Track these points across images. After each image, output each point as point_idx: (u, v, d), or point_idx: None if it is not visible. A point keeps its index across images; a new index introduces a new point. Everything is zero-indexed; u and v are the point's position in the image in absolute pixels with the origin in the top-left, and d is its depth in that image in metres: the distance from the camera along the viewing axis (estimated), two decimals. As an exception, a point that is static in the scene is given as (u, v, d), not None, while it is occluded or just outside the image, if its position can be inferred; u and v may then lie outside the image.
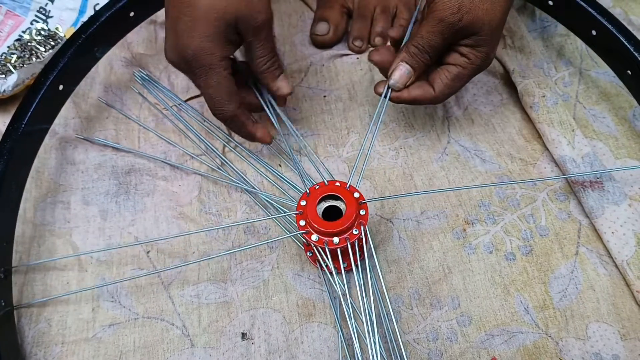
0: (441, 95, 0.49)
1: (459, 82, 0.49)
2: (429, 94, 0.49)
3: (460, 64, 0.48)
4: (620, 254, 0.50)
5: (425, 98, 0.50)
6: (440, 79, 0.49)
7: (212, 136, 0.59)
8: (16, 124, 0.50)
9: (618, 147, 0.57)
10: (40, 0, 0.67)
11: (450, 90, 0.50)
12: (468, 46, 0.47)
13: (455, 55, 0.48)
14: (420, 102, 0.50)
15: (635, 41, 0.53)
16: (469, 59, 0.48)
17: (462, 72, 0.48)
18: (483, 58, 0.48)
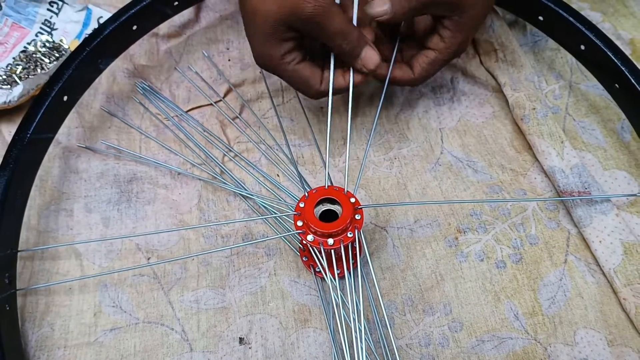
0: (419, 78, 0.54)
1: (436, 67, 0.54)
2: (408, 75, 0.54)
3: (439, 49, 0.52)
4: (608, 262, 0.51)
5: (404, 79, 0.54)
6: (419, 63, 0.53)
7: (212, 145, 0.61)
8: (22, 134, 0.52)
9: (606, 158, 0.58)
10: (45, 13, 0.69)
11: (428, 74, 0.54)
12: (448, 29, 0.50)
13: (435, 39, 0.52)
14: (399, 82, 0.54)
15: (622, 56, 0.54)
16: (447, 43, 0.51)
17: (439, 57, 0.52)
18: (459, 43, 0.51)
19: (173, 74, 0.67)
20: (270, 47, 0.48)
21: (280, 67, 0.50)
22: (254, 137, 0.61)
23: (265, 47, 0.48)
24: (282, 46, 0.48)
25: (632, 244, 0.51)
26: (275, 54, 0.48)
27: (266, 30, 0.47)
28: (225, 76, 0.66)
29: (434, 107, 0.63)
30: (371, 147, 0.61)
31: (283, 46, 0.48)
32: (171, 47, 0.68)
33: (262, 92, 0.65)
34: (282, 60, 0.49)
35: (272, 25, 0.46)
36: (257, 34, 0.48)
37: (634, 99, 0.53)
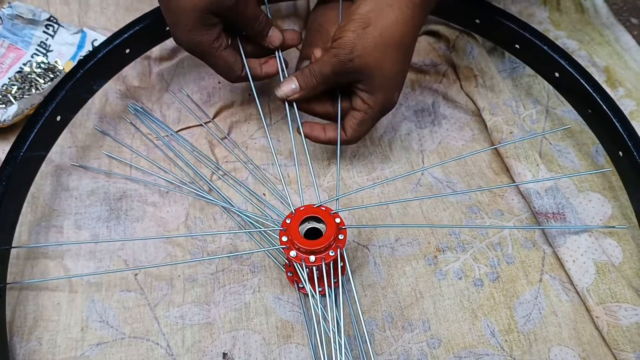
0: (352, 138, 0.56)
1: (365, 126, 0.56)
2: (342, 137, 0.56)
3: (363, 109, 0.54)
4: (581, 281, 0.53)
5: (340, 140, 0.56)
6: (349, 125, 0.56)
7: (201, 164, 0.62)
8: (15, 152, 0.53)
9: (581, 180, 0.61)
10: (41, 35, 0.71)
11: (359, 134, 0.56)
12: (365, 92, 0.53)
13: (358, 101, 0.54)
14: (335, 142, 0.57)
15: (594, 83, 0.57)
16: (369, 105, 0.53)
17: (365, 117, 0.54)
18: (381, 103, 0.54)
19: (164, 95, 0.69)
20: (199, 34, 0.52)
21: (209, 52, 0.54)
22: (242, 157, 0.63)
23: (194, 36, 0.53)
24: (210, 32, 0.53)
25: (604, 263, 0.53)
26: (206, 39, 0.53)
27: (194, 21, 0.51)
28: (214, 98, 0.68)
29: (416, 129, 0.65)
30: (355, 167, 0.63)
31: (211, 32, 0.53)
32: (163, 70, 0.70)
33: (251, 114, 0.67)
34: (212, 45, 0.54)
35: (200, 14, 0.51)
36: (184, 25, 0.52)
37: (606, 125, 0.56)
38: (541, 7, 0.77)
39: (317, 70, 0.53)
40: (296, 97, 0.55)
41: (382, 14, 0.50)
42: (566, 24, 0.75)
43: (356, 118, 0.55)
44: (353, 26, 0.50)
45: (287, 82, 0.55)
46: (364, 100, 0.54)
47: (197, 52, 0.55)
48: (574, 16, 0.76)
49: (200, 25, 0.52)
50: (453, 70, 0.69)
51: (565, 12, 0.76)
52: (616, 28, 0.75)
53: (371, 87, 0.52)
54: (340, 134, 0.56)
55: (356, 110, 0.55)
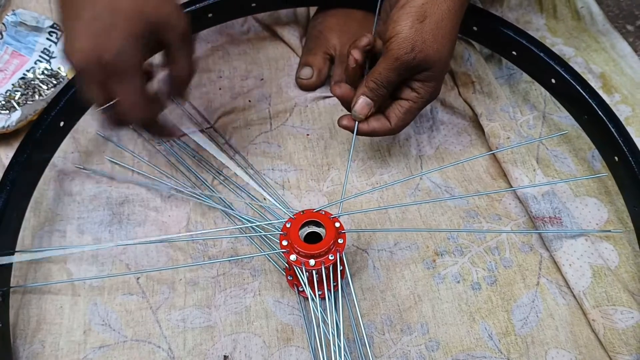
0: (397, 128, 0.56)
1: (411, 115, 0.56)
2: (386, 126, 0.56)
3: (412, 98, 0.54)
4: (577, 284, 0.54)
5: (383, 130, 0.56)
6: (395, 113, 0.55)
7: (202, 170, 0.63)
8: (19, 158, 0.54)
9: (577, 185, 0.61)
10: (45, 42, 0.72)
11: (404, 123, 0.56)
12: (419, 81, 0.53)
13: (407, 91, 0.54)
14: (379, 133, 0.57)
15: (590, 89, 0.58)
16: (419, 93, 0.54)
17: (413, 106, 0.55)
18: (431, 92, 0.54)
19: (166, 101, 0.69)
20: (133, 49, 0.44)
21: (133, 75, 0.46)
22: (243, 163, 0.64)
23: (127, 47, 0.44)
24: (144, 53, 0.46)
25: (600, 267, 0.54)
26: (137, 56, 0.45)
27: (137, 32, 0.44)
28: (215, 104, 0.69)
29: (414, 135, 0.66)
30: (354, 172, 0.64)
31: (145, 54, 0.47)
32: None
33: (251, 120, 0.68)
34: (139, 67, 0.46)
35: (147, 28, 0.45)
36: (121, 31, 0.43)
37: (601, 130, 0.56)
38: (538, 14, 0.77)
39: (384, 80, 0.53)
40: (371, 111, 0.55)
41: (435, 4, 0.51)
42: (563, 31, 0.76)
43: (403, 107, 0.55)
44: (409, 21, 0.50)
45: (358, 101, 0.54)
46: (414, 89, 0.54)
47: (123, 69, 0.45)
48: (570, 23, 0.77)
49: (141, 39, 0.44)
50: (451, 77, 0.70)
51: (561, 19, 0.77)
52: (612, 35, 0.76)
53: (427, 77, 0.53)
54: (384, 123, 0.56)
55: (404, 100, 0.55)
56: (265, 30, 0.76)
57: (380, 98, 0.55)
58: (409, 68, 0.52)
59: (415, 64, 0.51)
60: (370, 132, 0.57)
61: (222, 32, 0.63)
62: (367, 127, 0.56)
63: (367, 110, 0.55)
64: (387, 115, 0.56)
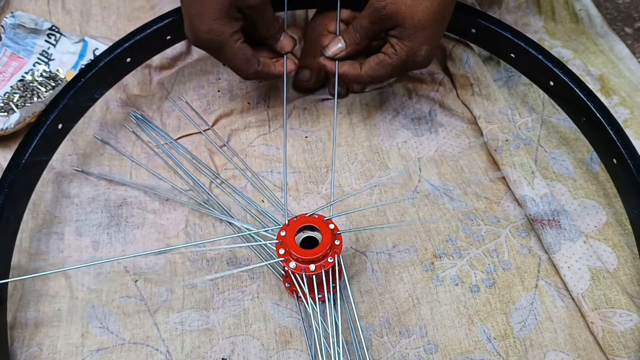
0: (365, 75, 0.58)
1: (383, 69, 0.57)
2: (355, 70, 0.58)
3: (387, 52, 0.56)
4: (576, 287, 0.54)
5: (351, 74, 0.59)
6: (368, 61, 0.58)
7: (200, 172, 0.63)
8: (17, 160, 0.54)
9: (576, 188, 0.61)
10: (43, 44, 0.72)
11: (374, 73, 0.58)
12: (395, 37, 0.55)
13: (386, 45, 0.56)
14: (347, 76, 0.59)
15: (589, 91, 0.58)
16: (395, 50, 0.55)
17: (387, 60, 0.56)
18: (407, 52, 0.55)
19: (164, 103, 0.69)
20: (222, 25, 0.54)
21: (229, 43, 0.56)
22: (241, 165, 0.64)
23: (216, 24, 0.54)
24: (233, 24, 0.55)
25: (599, 269, 0.54)
26: (227, 30, 0.55)
27: (220, 11, 0.53)
28: (214, 106, 0.69)
29: (413, 137, 0.66)
30: (353, 174, 0.64)
31: (233, 25, 0.55)
32: (163, 78, 0.71)
33: (249, 122, 0.68)
34: (231, 37, 0.55)
35: (227, 6, 0.53)
36: (209, 14, 0.54)
37: (600, 133, 0.56)
38: (536, 16, 0.78)
39: (357, 25, 0.56)
40: (343, 54, 0.58)
41: None
42: (561, 34, 0.76)
43: (378, 57, 0.57)
44: None
45: (334, 42, 0.58)
46: (391, 44, 0.56)
47: (217, 43, 0.56)
48: (568, 26, 0.77)
49: (225, 16, 0.54)
50: (449, 79, 0.70)
51: (560, 22, 0.77)
52: (610, 37, 0.76)
53: (401, 33, 0.54)
54: (355, 67, 0.58)
55: (382, 53, 0.57)
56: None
57: (354, 43, 0.57)
58: (381, 18, 0.54)
59: (386, 14, 0.53)
60: (341, 73, 0.59)
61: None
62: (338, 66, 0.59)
63: (336, 49, 0.58)
64: (361, 63, 0.58)
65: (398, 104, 0.69)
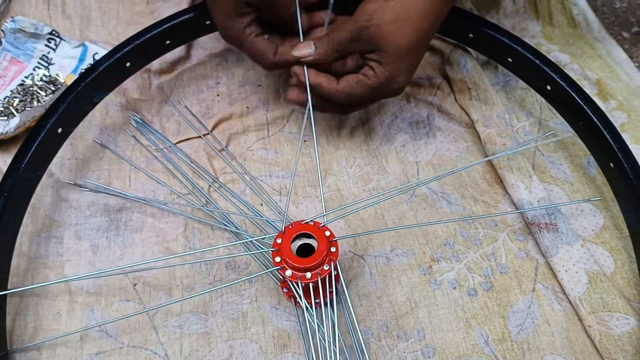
0: (341, 91, 0.57)
1: (360, 88, 0.56)
2: (332, 84, 0.57)
3: (366, 73, 0.56)
4: (573, 290, 0.54)
5: (328, 87, 0.57)
6: (346, 78, 0.57)
7: (198, 176, 0.63)
8: (17, 164, 0.54)
9: (573, 191, 0.62)
10: (43, 49, 0.73)
11: (350, 90, 0.56)
12: (375, 61, 0.54)
13: (366, 67, 0.56)
14: (322, 88, 0.57)
15: (585, 96, 0.58)
16: (374, 72, 0.55)
17: (365, 81, 0.55)
18: (387, 77, 0.55)
19: (164, 107, 0.70)
20: (233, 21, 0.56)
21: (242, 39, 0.57)
22: (239, 169, 0.64)
23: (229, 22, 0.56)
24: (243, 19, 0.56)
25: (596, 273, 0.54)
26: (238, 26, 0.56)
27: (228, 8, 0.55)
28: (213, 110, 0.69)
29: (411, 141, 0.66)
30: (351, 178, 0.64)
31: (243, 19, 0.56)
32: (163, 82, 0.71)
33: (249, 126, 0.68)
34: (243, 32, 0.57)
35: (234, 2, 0.55)
36: (222, 11, 0.56)
37: (596, 137, 0.57)
38: (534, 21, 0.78)
39: (335, 36, 0.55)
40: (310, 59, 0.57)
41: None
42: (559, 38, 0.76)
43: (356, 77, 0.56)
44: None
45: (304, 44, 0.57)
46: (371, 67, 0.55)
47: (231, 38, 0.58)
48: (566, 30, 0.78)
49: (234, 12, 0.56)
50: (447, 83, 0.70)
51: (557, 26, 0.78)
52: (608, 42, 0.76)
53: (381, 57, 0.54)
54: (332, 81, 0.57)
55: (361, 74, 0.56)
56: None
57: (323, 52, 0.56)
58: (361, 38, 0.53)
59: (367, 36, 0.53)
60: (316, 84, 0.58)
61: (220, 39, 0.63)
62: (314, 77, 0.58)
63: (305, 53, 0.57)
64: (338, 79, 0.57)
65: (396, 108, 0.69)
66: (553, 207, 0.57)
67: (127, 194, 0.61)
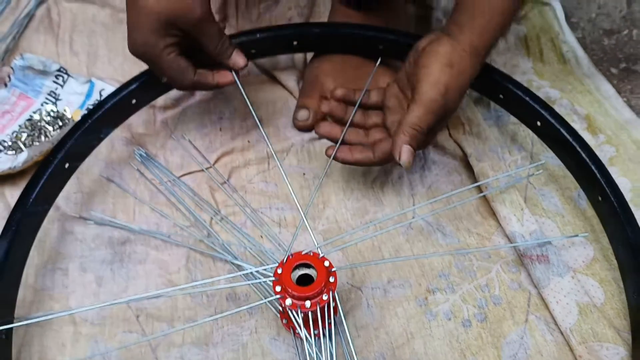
0: (378, 161, 0.59)
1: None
2: (368, 158, 0.59)
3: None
4: (565, 321, 0.55)
5: (366, 161, 0.59)
6: (380, 147, 0.58)
7: (201, 209, 0.65)
8: (24, 199, 0.56)
9: (565, 224, 0.63)
10: (51, 85, 0.75)
11: (388, 158, 0.58)
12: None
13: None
14: (362, 164, 0.60)
15: (573, 132, 0.60)
16: None
17: None
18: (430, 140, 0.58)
19: (168, 141, 0.72)
20: (157, 38, 0.55)
21: (161, 57, 0.57)
22: (241, 201, 0.66)
23: (152, 38, 0.55)
24: (167, 39, 0.56)
25: (586, 304, 0.56)
26: (159, 44, 0.56)
27: (155, 26, 0.54)
28: (215, 144, 0.72)
29: (407, 174, 0.68)
30: (349, 211, 0.66)
31: (168, 39, 0.56)
32: (167, 118, 0.74)
33: (249, 160, 0.70)
34: (164, 49, 0.56)
35: (163, 22, 0.54)
36: (144, 26, 0.55)
37: (584, 171, 0.59)
38: (525, 58, 0.81)
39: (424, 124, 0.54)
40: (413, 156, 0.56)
41: (458, 55, 0.54)
42: (549, 74, 0.79)
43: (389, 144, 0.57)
44: (439, 64, 0.54)
45: (404, 151, 0.54)
46: None
47: (151, 55, 0.57)
48: (556, 66, 0.80)
49: (161, 30, 0.55)
50: (442, 118, 0.72)
51: (548, 63, 0.81)
52: (596, 77, 0.79)
53: None
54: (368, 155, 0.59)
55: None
56: (264, 74, 0.79)
57: (420, 143, 0.56)
58: (445, 110, 0.55)
59: (448, 107, 0.55)
60: (354, 162, 0.60)
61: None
62: (350, 157, 0.59)
63: (412, 157, 0.55)
64: (373, 148, 0.59)
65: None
66: (545, 240, 0.59)
67: (131, 226, 0.63)
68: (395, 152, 0.55)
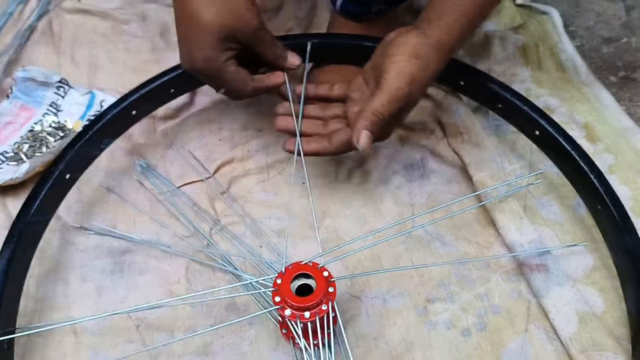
0: (335, 150, 0.60)
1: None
2: (325, 147, 0.60)
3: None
4: (564, 330, 0.55)
5: (323, 151, 0.60)
6: (337, 136, 0.59)
7: (200, 219, 0.66)
8: (26, 210, 0.57)
9: (564, 232, 0.63)
10: (53, 96, 0.76)
11: (345, 149, 0.59)
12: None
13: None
14: (319, 154, 0.61)
15: (572, 141, 0.61)
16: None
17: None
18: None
19: (168, 152, 0.72)
20: (216, 53, 0.56)
21: (222, 70, 0.57)
22: (240, 211, 0.67)
23: (212, 52, 0.56)
24: (227, 52, 0.57)
25: (586, 313, 0.56)
26: (220, 58, 0.56)
27: (215, 41, 0.55)
28: (215, 154, 0.72)
29: (406, 183, 0.69)
30: (348, 221, 0.66)
31: (228, 52, 0.57)
32: (167, 128, 0.74)
33: (249, 169, 0.71)
34: (226, 62, 0.57)
35: (223, 36, 0.55)
36: (204, 43, 0.55)
37: (583, 180, 0.59)
38: (524, 67, 0.81)
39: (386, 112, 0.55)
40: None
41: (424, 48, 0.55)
42: (548, 83, 0.79)
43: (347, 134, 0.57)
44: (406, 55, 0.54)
45: (362, 136, 0.55)
46: None
47: (212, 70, 0.57)
48: (555, 75, 0.81)
49: (221, 44, 0.56)
50: (440, 128, 0.73)
51: (546, 71, 0.81)
52: (595, 86, 0.79)
53: None
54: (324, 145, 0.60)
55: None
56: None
57: (380, 131, 0.56)
58: (408, 100, 0.55)
59: (412, 97, 0.55)
60: (313, 153, 0.61)
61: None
62: (307, 148, 0.60)
63: (370, 143, 0.55)
64: (329, 137, 0.60)
65: (391, 151, 0.71)
66: (544, 249, 0.59)
67: (131, 236, 0.64)
68: (354, 136, 0.55)
